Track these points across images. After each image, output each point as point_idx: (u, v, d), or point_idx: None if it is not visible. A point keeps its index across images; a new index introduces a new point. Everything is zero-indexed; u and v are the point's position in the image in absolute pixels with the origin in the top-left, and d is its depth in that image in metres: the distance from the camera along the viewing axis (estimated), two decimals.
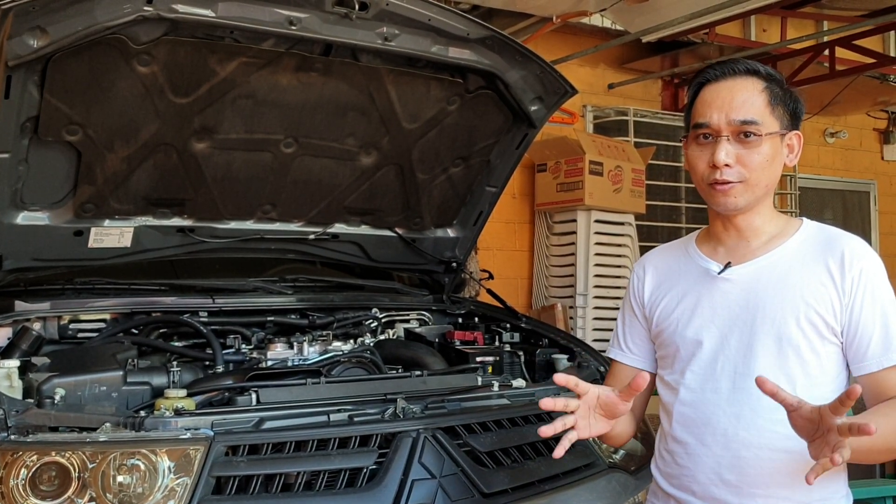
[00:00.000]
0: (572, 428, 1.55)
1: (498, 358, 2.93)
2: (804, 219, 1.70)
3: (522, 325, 3.18)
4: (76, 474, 1.83)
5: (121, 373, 2.33)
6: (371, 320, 3.13)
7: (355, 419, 2.14)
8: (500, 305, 3.31)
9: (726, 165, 1.57)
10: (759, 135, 1.57)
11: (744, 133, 1.58)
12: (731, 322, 1.62)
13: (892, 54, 6.26)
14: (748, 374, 1.58)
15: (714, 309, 1.64)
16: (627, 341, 1.83)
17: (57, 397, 2.11)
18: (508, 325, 3.20)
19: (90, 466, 1.83)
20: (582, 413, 1.57)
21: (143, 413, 2.05)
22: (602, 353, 2.71)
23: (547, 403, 1.52)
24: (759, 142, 1.58)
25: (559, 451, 1.53)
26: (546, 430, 1.52)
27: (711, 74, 1.64)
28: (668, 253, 1.81)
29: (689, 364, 1.65)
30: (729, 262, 1.65)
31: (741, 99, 1.59)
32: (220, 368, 2.55)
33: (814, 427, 1.38)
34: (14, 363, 2.21)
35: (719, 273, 1.65)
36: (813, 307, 1.56)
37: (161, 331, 2.76)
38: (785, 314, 1.57)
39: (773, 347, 1.57)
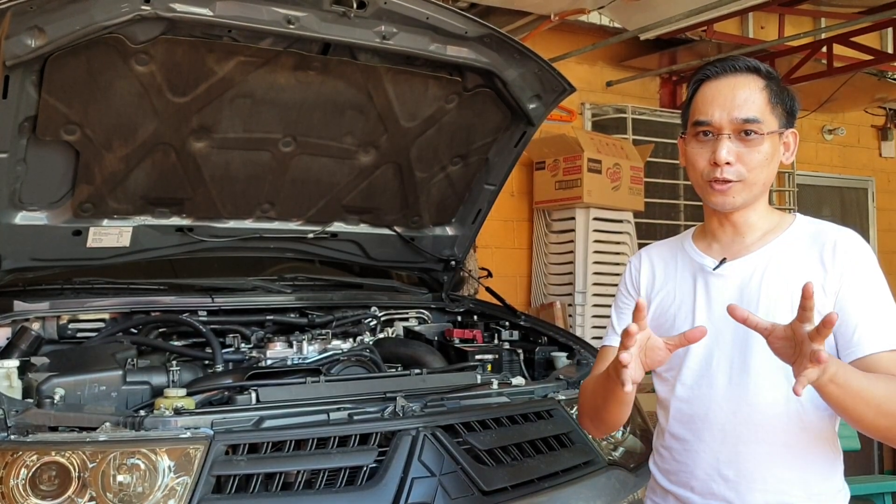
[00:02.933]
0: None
1: (497, 356, 2.93)
2: (797, 214, 1.71)
3: (521, 322, 3.18)
4: (76, 474, 1.83)
5: (120, 372, 2.33)
6: (370, 319, 3.13)
7: (355, 418, 2.15)
8: (499, 303, 3.32)
9: (727, 163, 1.57)
10: (760, 133, 1.57)
11: (745, 132, 1.57)
12: (727, 318, 1.61)
13: (890, 51, 6.25)
14: (744, 370, 1.59)
15: (709, 305, 1.64)
16: (622, 326, 1.80)
17: (56, 397, 2.10)
18: (507, 323, 3.20)
19: (90, 466, 1.83)
20: (639, 347, 1.48)
21: (142, 412, 2.05)
22: None
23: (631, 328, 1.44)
24: (761, 140, 1.58)
25: (629, 388, 1.45)
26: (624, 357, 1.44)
27: (711, 71, 1.63)
28: (665, 249, 1.81)
29: (685, 360, 1.65)
30: (724, 259, 1.65)
31: (743, 97, 1.58)
32: (220, 367, 2.55)
33: (791, 345, 1.38)
34: (13, 363, 2.21)
35: (714, 269, 1.66)
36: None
37: (160, 330, 2.76)
38: (779, 309, 1.56)
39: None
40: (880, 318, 1.54)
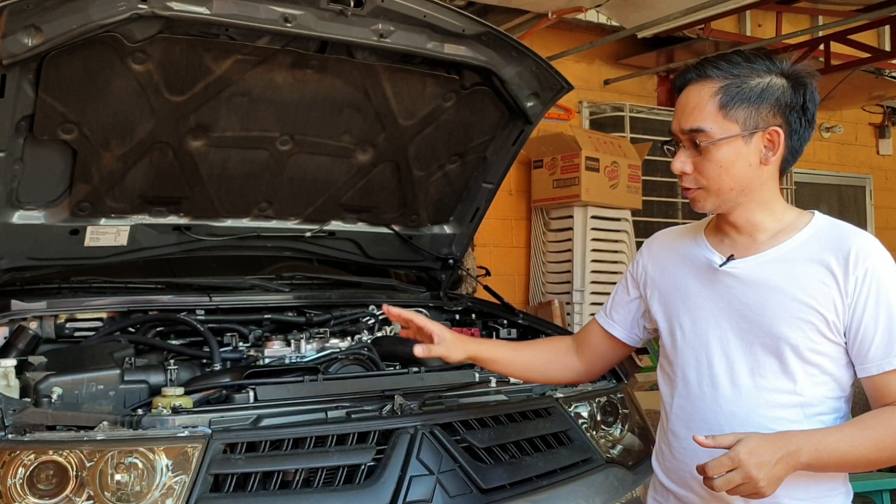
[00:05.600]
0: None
1: None
2: (815, 212, 1.65)
3: (519, 321, 3.18)
4: (74, 473, 1.83)
5: (118, 371, 2.32)
6: (368, 317, 3.12)
7: (353, 416, 2.15)
8: (497, 302, 3.31)
9: (684, 173, 1.59)
10: (707, 142, 1.55)
11: (693, 142, 1.57)
12: (731, 317, 1.60)
13: (887, 49, 6.26)
14: (747, 371, 1.57)
15: (715, 303, 1.62)
16: (612, 309, 1.86)
17: (54, 396, 2.10)
18: (505, 322, 3.20)
19: (88, 465, 1.83)
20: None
21: (140, 411, 2.05)
22: None
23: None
24: (710, 149, 1.55)
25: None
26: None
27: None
28: (678, 237, 1.78)
29: (688, 358, 1.65)
30: (731, 256, 1.62)
31: (691, 106, 1.57)
32: (218, 366, 2.55)
33: None
34: (11, 362, 2.20)
35: (720, 266, 1.62)
36: (813, 306, 1.53)
37: (158, 329, 2.75)
38: (785, 312, 1.54)
39: (772, 346, 1.55)
40: (893, 336, 1.52)
